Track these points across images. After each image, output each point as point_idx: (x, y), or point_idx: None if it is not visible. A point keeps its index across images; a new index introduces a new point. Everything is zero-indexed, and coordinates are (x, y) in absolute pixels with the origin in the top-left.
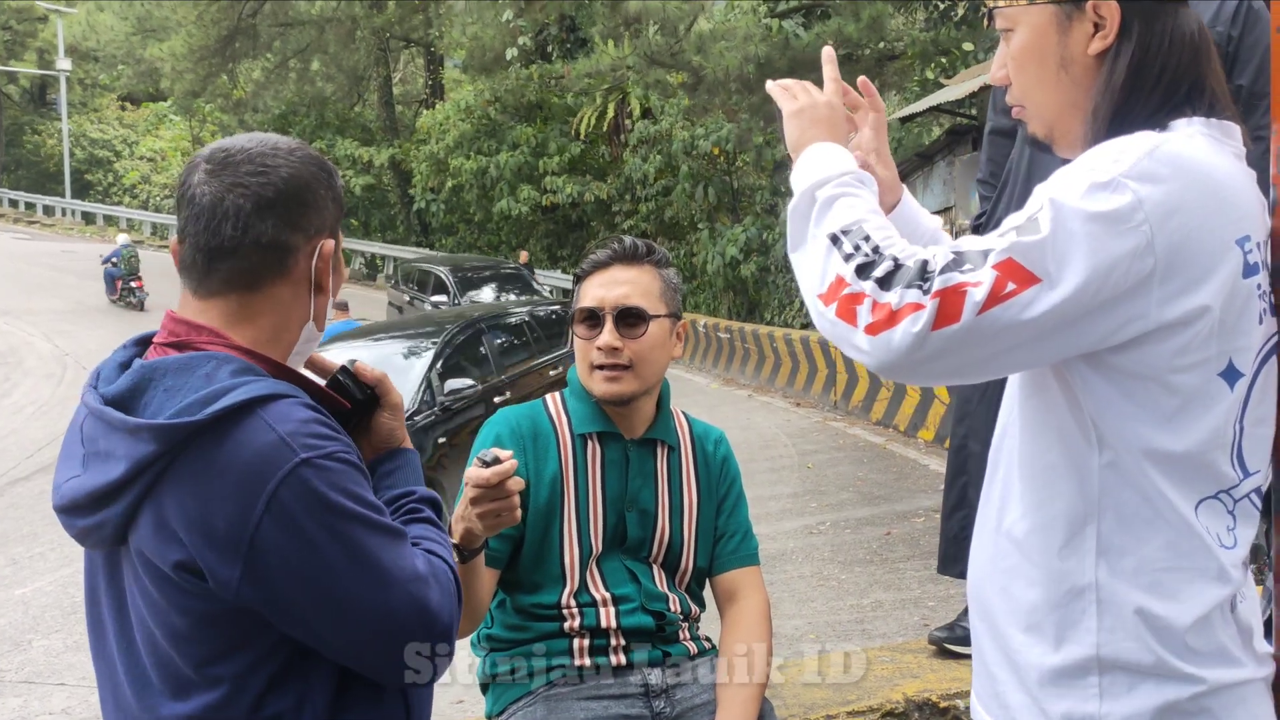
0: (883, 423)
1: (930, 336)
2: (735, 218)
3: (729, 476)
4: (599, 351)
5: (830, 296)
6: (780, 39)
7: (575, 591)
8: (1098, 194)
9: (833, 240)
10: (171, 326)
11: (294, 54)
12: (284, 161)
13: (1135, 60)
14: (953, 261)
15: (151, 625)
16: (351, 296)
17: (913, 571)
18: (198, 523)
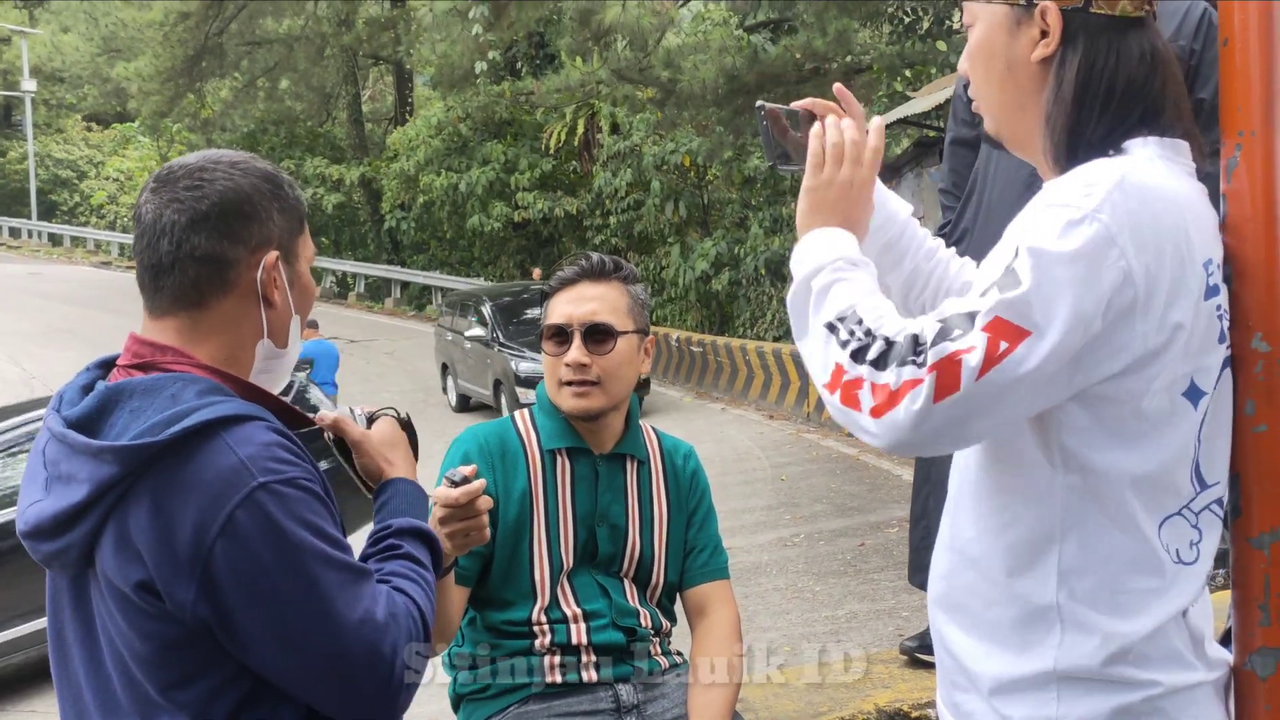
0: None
1: (934, 409)
2: (706, 232)
3: (699, 490)
4: (567, 368)
5: (834, 385)
6: (749, 52)
7: (546, 607)
8: (1072, 232)
9: (829, 329)
10: (135, 348)
11: (262, 73)
12: (222, 175)
13: (1081, 73)
14: (941, 331)
15: (120, 647)
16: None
17: (887, 582)
18: (157, 542)
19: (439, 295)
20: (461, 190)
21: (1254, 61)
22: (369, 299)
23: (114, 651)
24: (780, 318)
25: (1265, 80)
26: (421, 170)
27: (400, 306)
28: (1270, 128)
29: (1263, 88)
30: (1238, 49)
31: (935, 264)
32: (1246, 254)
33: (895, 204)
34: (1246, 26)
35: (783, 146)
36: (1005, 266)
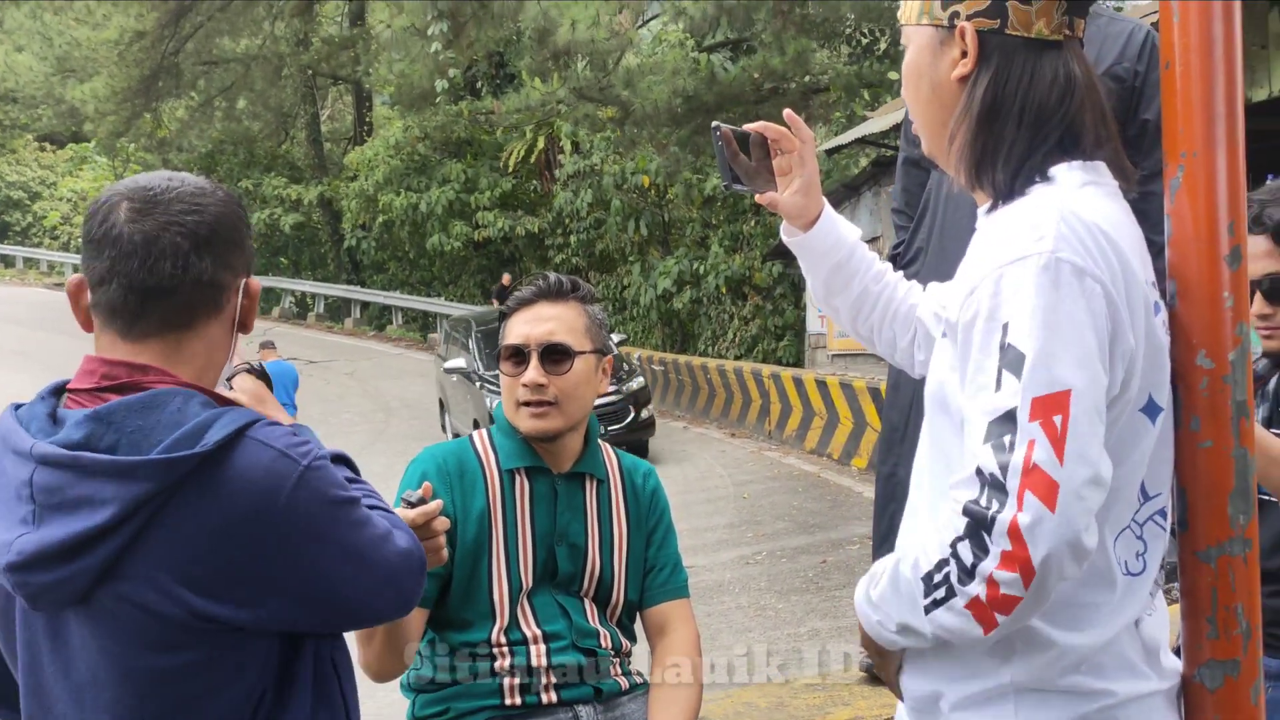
0: (816, 451)
1: (1050, 528)
2: (667, 250)
3: (658, 509)
4: (524, 388)
5: (977, 617)
6: (707, 73)
7: (506, 628)
8: (1046, 279)
9: (908, 629)
10: (105, 369)
11: (219, 92)
12: (212, 200)
13: (991, 93)
14: (994, 477)
15: (115, 679)
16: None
17: (848, 599)
18: (212, 551)
19: (399, 315)
20: (421, 210)
21: (1194, 84)
22: (329, 319)
23: (105, 688)
24: (741, 336)
25: (1205, 102)
26: (381, 190)
27: (360, 327)
28: (1211, 148)
29: (1203, 109)
30: (1179, 72)
31: (883, 286)
32: (1190, 273)
33: (844, 227)
34: (1187, 49)
35: (735, 168)
36: (999, 345)
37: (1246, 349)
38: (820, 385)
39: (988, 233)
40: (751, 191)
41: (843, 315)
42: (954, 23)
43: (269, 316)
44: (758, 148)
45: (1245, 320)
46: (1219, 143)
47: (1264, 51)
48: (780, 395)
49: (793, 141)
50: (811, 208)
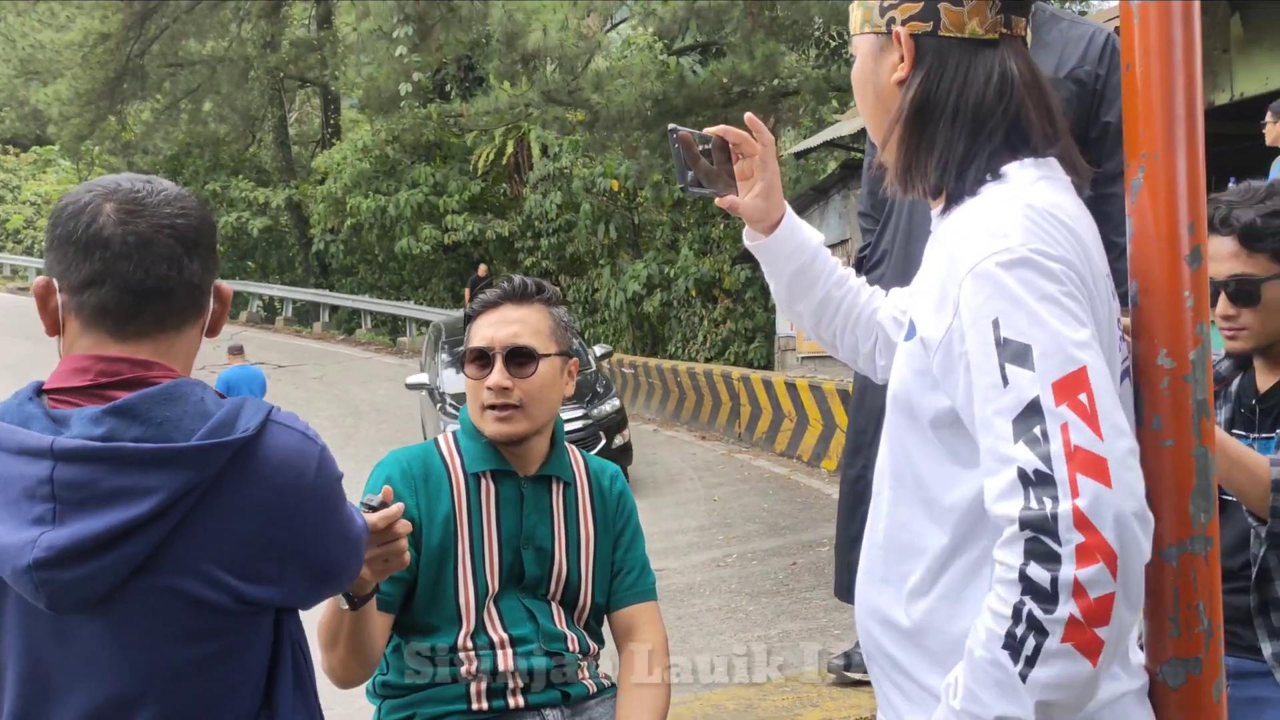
0: (786, 454)
1: (1110, 505)
2: (636, 253)
3: (625, 511)
4: (489, 391)
5: (1078, 647)
6: (676, 77)
7: (472, 632)
8: (1022, 272)
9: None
10: (102, 366)
11: (185, 95)
12: (193, 204)
13: (922, 93)
14: (1038, 472)
15: (142, 674)
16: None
17: (819, 601)
18: (250, 534)
19: (368, 319)
20: (390, 213)
21: (1155, 85)
22: (297, 323)
23: (130, 682)
24: (712, 339)
25: (1166, 104)
26: (349, 193)
27: (329, 330)
28: (1171, 150)
29: (1163, 111)
30: (1139, 73)
31: (845, 291)
32: (1151, 273)
33: (806, 232)
34: (1147, 51)
35: (694, 171)
36: (994, 344)
37: (1207, 348)
38: (790, 388)
39: (945, 236)
40: (711, 195)
41: (805, 320)
42: (890, 28)
43: (237, 321)
44: (718, 151)
45: (1206, 320)
46: (1179, 144)
47: (1226, 55)
48: (750, 398)
49: (753, 145)
50: (773, 211)
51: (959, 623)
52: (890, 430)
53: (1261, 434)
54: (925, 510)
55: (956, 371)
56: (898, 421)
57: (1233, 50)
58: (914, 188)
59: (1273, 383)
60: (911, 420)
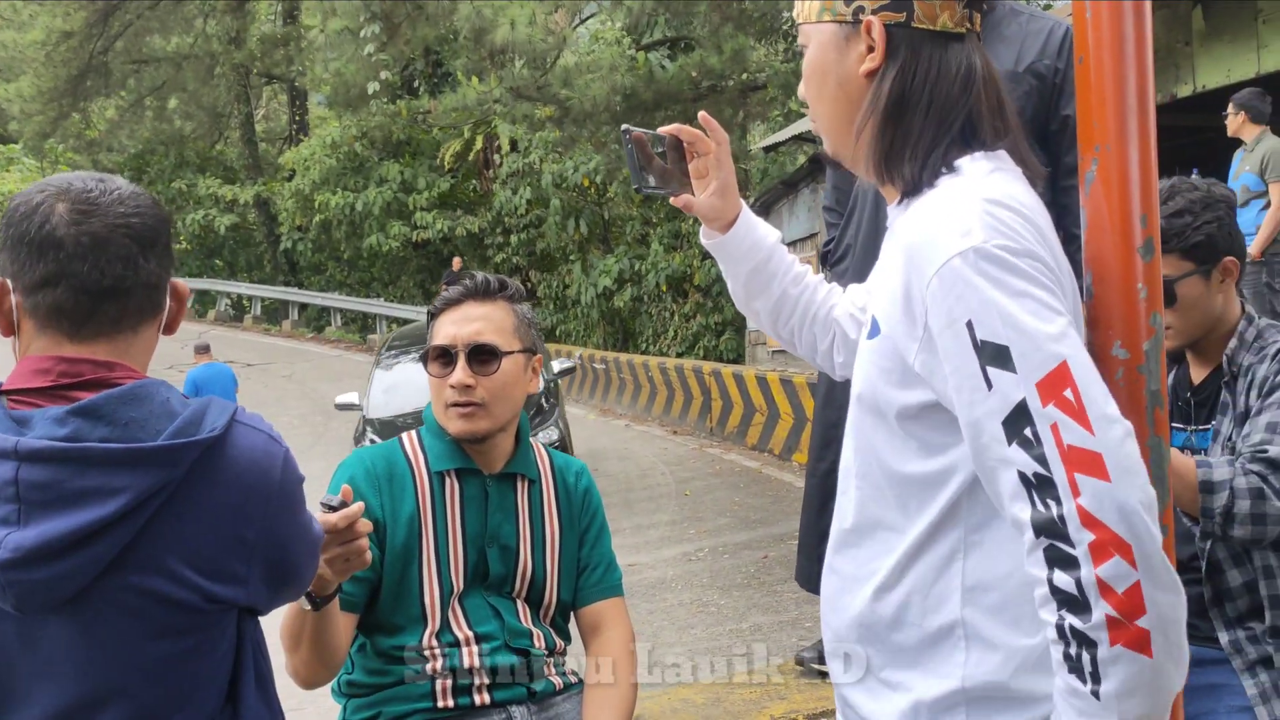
0: (758, 447)
1: (1119, 498)
2: (607, 249)
3: (591, 508)
4: (452, 389)
5: (1130, 646)
6: (645, 71)
7: (437, 631)
8: (987, 269)
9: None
10: (63, 368)
11: (149, 92)
12: (147, 203)
13: (899, 85)
14: (1038, 475)
15: (111, 674)
16: (217, 339)
17: (790, 594)
18: (217, 533)
19: (338, 316)
20: (358, 210)
21: (1107, 78)
22: (266, 321)
23: (100, 682)
24: (682, 333)
25: (1118, 96)
26: (317, 190)
27: (299, 329)
28: (1124, 142)
29: (1116, 103)
30: (1092, 66)
31: (802, 289)
32: (1104, 264)
33: (762, 230)
34: (1100, 44)
35: (648, 171)
36: (971, 347)
37: (1160, 339)
38: (760, 381)
39: (902, 231)
40: (666, 194)
41: (763, 318)
42: (859, 17)
43: (204, 319)
44: (672, 150)
45: (1159, 311)
46: (1131, 136)
47: (1188, 48)
48: (721, 392)
49: (708, 144)
50: (729, 210)
51: (934, 618)
52: (856, 428)
53: (1197, 426)
54: (894, 505)
55: (942, 371)
56: (863, 420)
57: (1194, 43)
58: (893, 180)
59: (1204, 375)
60: (878, 418)
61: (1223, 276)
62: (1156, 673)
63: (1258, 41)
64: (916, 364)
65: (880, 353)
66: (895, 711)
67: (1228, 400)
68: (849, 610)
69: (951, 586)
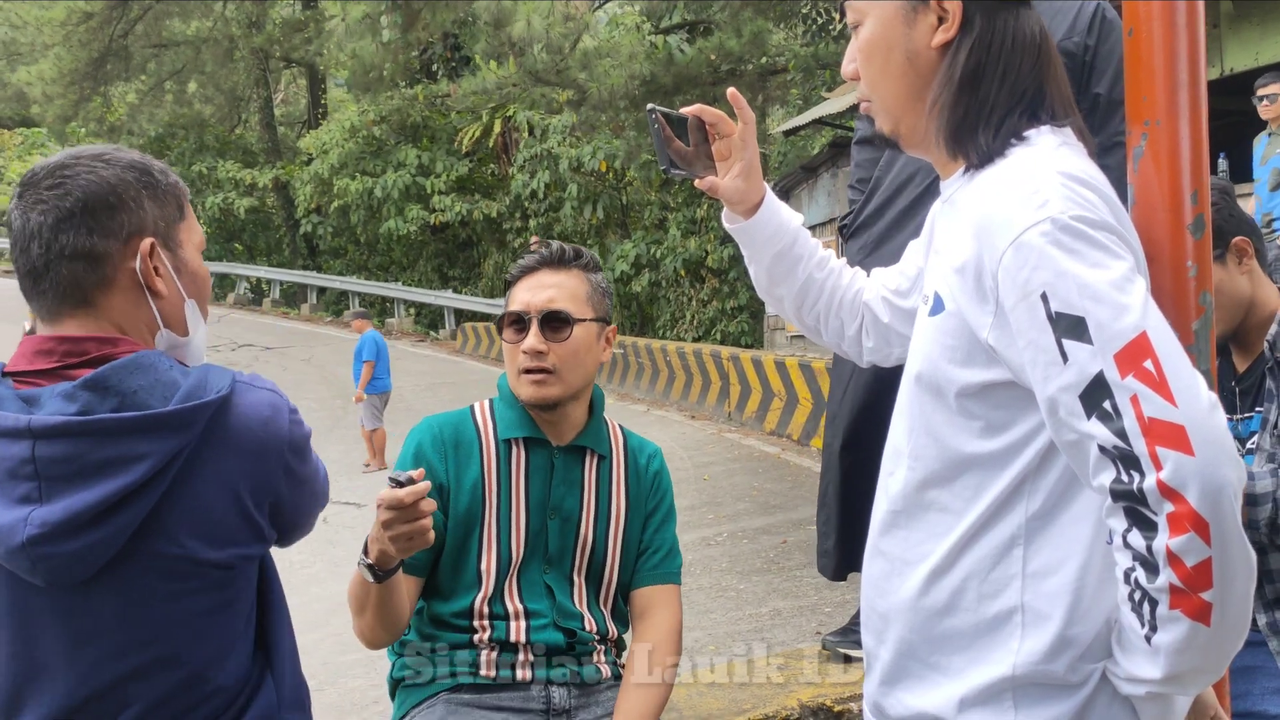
0: (776, 432)
1: (1197, 480)
2: (625, 233)
3: (660, 492)
4: (524, 355)
5: (1188, 611)
6: (664, 55)
7: (490, 598)
8: (1064, 241)
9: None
10: (67, 348)
11: (169, 75)
12: (84, 169)
13: (976, 55)
14: (1118, 448)
15: (139, 639)
16: (236, 323)
17: (809, 579)
18: (236, 493)
19: (356, 300)
20: (377, 194)
21: (1158, 52)
22: (284, 305)
23: (136, 646)
24: (699, 318)
25: (1169, 70)
26: (336, 174)
27: (317, 312)
28: (1174, 116)
29: (1167, 77)
30: (1142, 39)
31: (827, 274)
32: (1155, 241)
33: (786, 214)
34: (1150, 17)
35: (672, 152)
36: (1046, 319)
37: (1210, 318)
38: (779, 366)
39: (969, 204)
40: (690, 176)
41: (787, 305)
42: None
43: (224, 303)
44: (695, 131)
45: (1209, 289)
46: (1182, 110)
47: (1216, 30)
48: (740, 377)
49: (730, 125)
50: (753, 193)
51: (992, 604)
52: (911, 408)
53: (1243, 415)
54: (951, 487)
55: (1016, 346)
56: (920, 398)
57: (1223, 26)
58: (964, 151)
59: (1248, 364)
60: (938, 397)
61: (1239, 257)
62: (1211, 639)
63: None
64: (991, 339)
65: (944, 330)
66: (942, 699)
67: (1273, 387)
68: (898, 593)
69: (1011, 572)
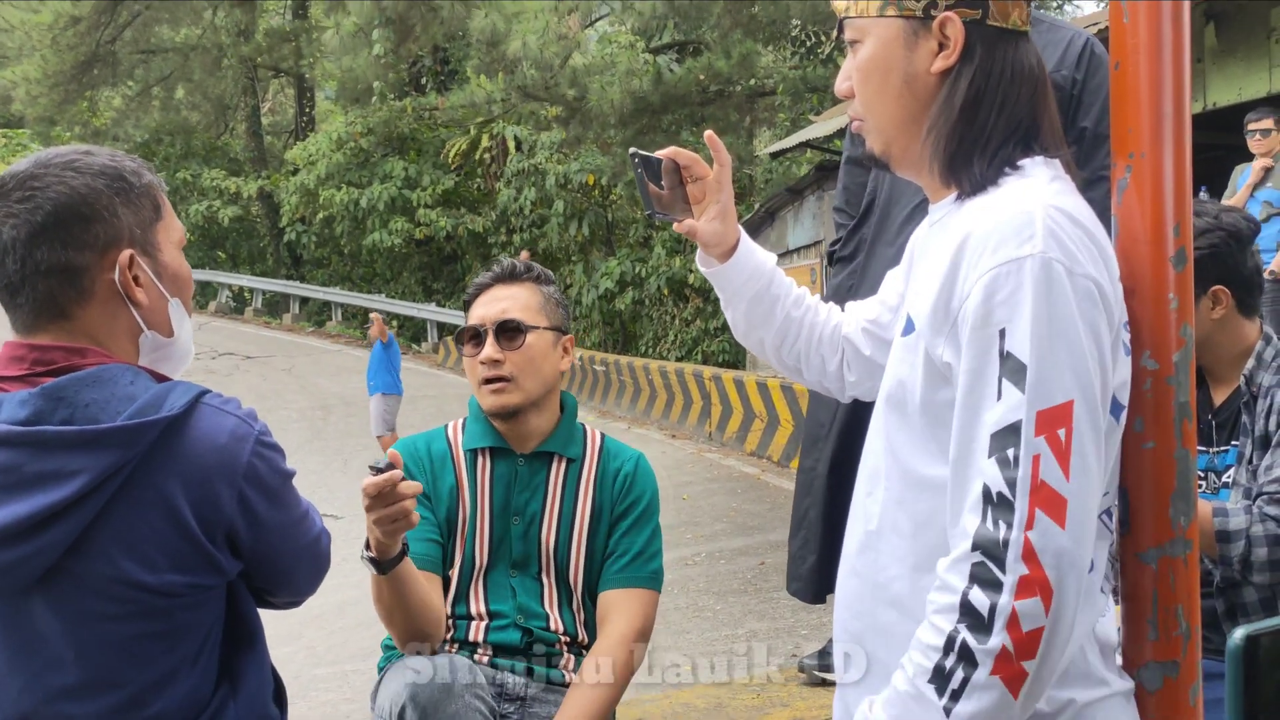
0: (757, 453)
1: (1057, 554)
2: (609, 251)
3: (632, 496)
4: (482, 365)
5: (1005, 679)
6: (654, 74)
7: (455, 600)
8: (1040, 283)
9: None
10: (37, 355)
11: (157, 81)
12: (54, 179)
13: (976, 84)
14: (1001, 495)
15: (82, 653)
16: (216, 331)
17: (786, 601)
18: (177, 521)
19: (338, 311)
20: (362, 205)
21: (1144, 84)
22: (267, 314)
23: (77, 657)
24: (682, 338)
25: (1154, 103)
26: (322, 185)
27: (300, 322)
28: (1159, 149)
29: (1152, 110)
30: (1129, 72)
31: (805, 310)
32: (1136, 273)
33: (761, 255)
34: (1136, 50)
35: (653, 195)
36: (997, 354)
37: (1190, 351)
38: (761, 387)
39: (958, 225)
40: (670, 220)
41: (767, 346)
42: (931, 13)
43: (205, 311)
44: (670, 174)
45: (1190, 322)
46: (1166, 143)
47: (1200, 65)
48: (721, 397)
49: (704, 167)
50: (729, 235)
51: None
52: (881, 427)
53: (1219, 448)
54: (906, 510)
55: (959, 364)
56: (889, 418)
57: (1206, 60)
58: (958, 178)
59: (1225, 397)
60: (902, 416)
61: (1212, 304)
62: (1009, 712)
63: (1269, 60)
64: (946, 355)
65: (911, 348)
66: None
67: (1247, 422)
68: (871, 615)
69: None
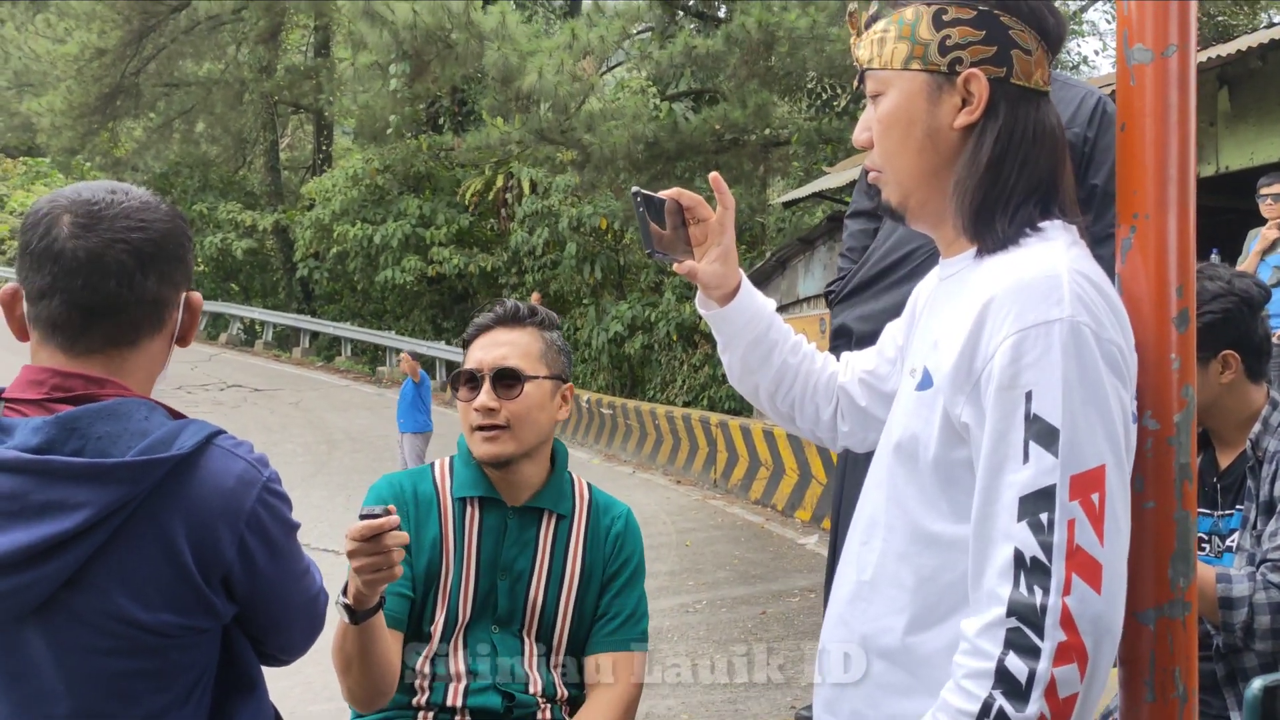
0: (761, 502)
1: (1095, 620)
2: (620, 294)
3: (622, 555)
4: (476, 412)
5: None
6: (669, 121)
7: (433, 657)
8: (1069, 347)
9: None
10: (57, 381)
11: (178, 114)
12: (156, 216)
13: (1001, 142)
14: (1035, 560)
15: (70, 686)
16: (226, 364)
17: (786, 651)
18: (176, 561)
19: (348, 347)
20: (376, 242)
21: (1149, 147)
22: (277, 347)
23: (67, 693)
24: (690, 383)
25: (1159, 165)
26: (336, 220)
27: (309, 357)
28: (1163, 211)
29: (1157, 172)
30: (1135, 134)
31: (801, 358)
32: (1139, 333)
33: (760, 300)
34: (1143, 113)
35: (655, 235)
36: (1023, 417)
37: (1192, 411)
38: (767, 435)
39: (981, 284)
40: (670, 260)
41: (761, 393)
42: (956, 69)
43: (216, 342)
44: (673, 215)
45: (1191, 383)
46: (1171, 206)
47: (1212, 129)
48: (727, 444)
49: (707, 209)
50: (730, 278)
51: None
52: (889, 480)
53: (1223, 511)
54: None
55: (981, 427)
56: (896, 471)
57: (1219, 124)
58: (981, 235)
59: (1231, 460)
60: (913, 470)
61: (1221, 368)
62: None
63: None
64: (966, 417)
65: (928, 404)
66: None
67: (1252, 486)
68: (856, 667)
69: None
